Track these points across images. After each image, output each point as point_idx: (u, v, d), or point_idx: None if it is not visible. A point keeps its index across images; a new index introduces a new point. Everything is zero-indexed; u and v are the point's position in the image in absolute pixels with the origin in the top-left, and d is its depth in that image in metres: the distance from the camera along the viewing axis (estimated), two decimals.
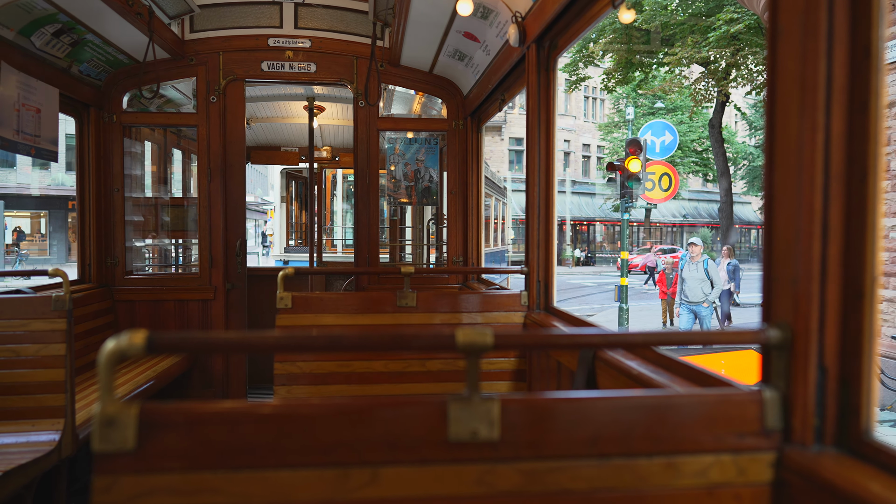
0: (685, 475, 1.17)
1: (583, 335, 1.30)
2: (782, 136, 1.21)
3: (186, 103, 5.88)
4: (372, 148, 4.98)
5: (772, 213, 1.24)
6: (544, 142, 3.06)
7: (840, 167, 1.14)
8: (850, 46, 1.13)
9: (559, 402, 1.17)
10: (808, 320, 1.16)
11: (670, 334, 1.29)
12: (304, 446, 1.10)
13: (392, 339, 1.21)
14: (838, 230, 1.14)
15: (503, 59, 3.70)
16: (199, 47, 4.76)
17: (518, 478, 1.13)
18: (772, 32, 1.24)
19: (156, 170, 6.18)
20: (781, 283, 1.22)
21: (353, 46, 4.89)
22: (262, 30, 4.82)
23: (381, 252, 5.95)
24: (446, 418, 1.13)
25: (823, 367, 1.16)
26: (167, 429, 1.08)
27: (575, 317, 2.77)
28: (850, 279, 1.13)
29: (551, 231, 3.07)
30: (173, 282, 4.96)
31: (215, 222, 4.81)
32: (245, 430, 1.09)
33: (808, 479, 1.11)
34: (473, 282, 4.75)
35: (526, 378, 3.16)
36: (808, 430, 1.17)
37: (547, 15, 2.78)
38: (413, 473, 1.12)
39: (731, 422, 1.19)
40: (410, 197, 5.40)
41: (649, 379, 1.72)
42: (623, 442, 1.16)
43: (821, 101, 1.13)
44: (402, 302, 3.11)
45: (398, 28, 4.12)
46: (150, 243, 6.01)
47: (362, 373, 3.04)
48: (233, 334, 1.18)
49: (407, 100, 6.34)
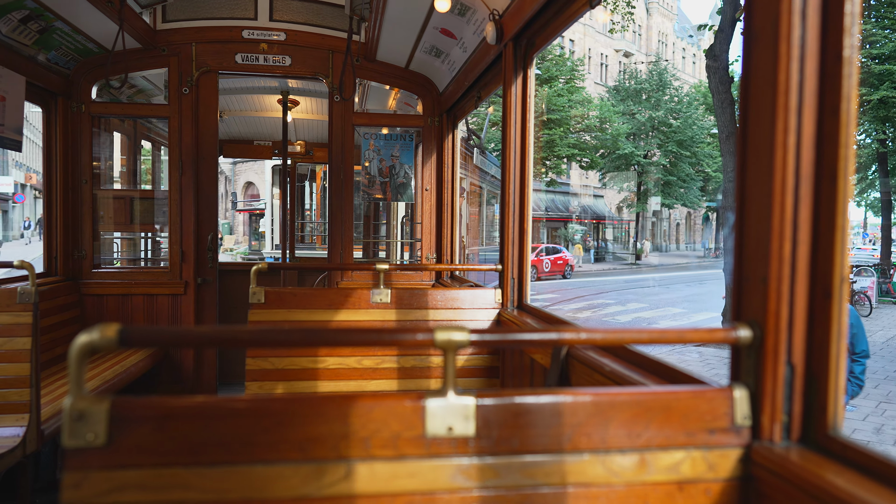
0: (657, 470, 1.18)
1: (558, 336, 1.31)
2: (755, 137, 1.23)
3: (158, 94, 5.77)
4: (347, 143, 4.95)
5: (743, 213, 1.27)
6: (519, 139, 3.07)
7: (810, 169, 1.17)
8: (821, 52, 1.16)
9: (535, 400, 1.18)
10: (778, 319, 1.18)
11: (642, 334, 1.30)
12: (279, 441, 1.09)
13: (372, 336, 1.20)
14: (807, 230, 1.17)
15: (480, 57, 3.71)
16: (172, 37, 4.68)
17: (493, 473, 1.14)
18: (747, 35, 1.26)
19: (125, 161, 6.06)
20: (752, 283, 1.24)
21: (328, 40, 4.86)
22: (236, 21, 4.75)
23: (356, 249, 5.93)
24: (423, 414, 1.13)
25: (792, 365, 1.19)
26: (139, 424, 1.06)
27: (548, 314, 2.79)
28: (820, 279, 1.16)
29: (526, 229, 3.08)
30: (143, 276, 4.87)
31: (186, 216, 4.74)
32: (218, 425, 1.08)
33: (776, 474, 1.13)
34: (447, 279, 4.76)
35: (499, 375, 3.18)
36: (777, 426, 1.20)
37: (525, 13, 2.79)
38: (389, 469, 1.11)
39: (702, 418, 1.21)
40: (385, 193, 5.38)
41: (622, 376, 1.74)
42: (597, 438, 1.18)
43: (793, 103, 1.16)
44: (376, 298, 3.10)
45: (374, 23, 4.10)
46: (119, 236, 5.89)
47: (335, 369, 3.03)
48: (207, 328, 1.16)
49: (383, 95, 6.31)
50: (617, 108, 40.30)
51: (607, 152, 38.76)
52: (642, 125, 41.34)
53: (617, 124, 37.79)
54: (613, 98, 42.27)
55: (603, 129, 37.19)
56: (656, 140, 41.69)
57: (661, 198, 43.66)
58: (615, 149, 38.16)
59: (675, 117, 41.91)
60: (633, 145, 39.34)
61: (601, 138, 37.43)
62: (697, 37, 57.46)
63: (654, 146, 41.66)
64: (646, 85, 42.80)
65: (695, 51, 58.46)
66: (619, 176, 42.76)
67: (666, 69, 44.03)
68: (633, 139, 41.01)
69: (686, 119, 41.84)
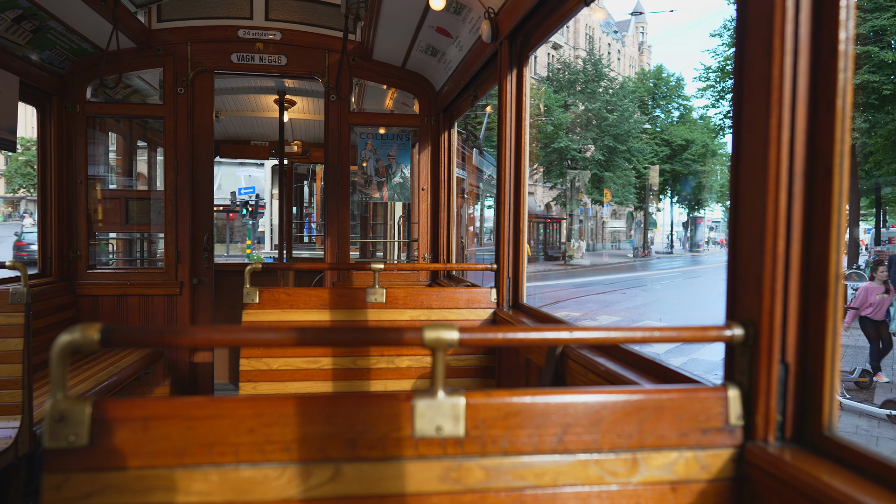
0: (649, 471, 1.17)
1: (551, 335, 1.29)
2: (749, 133, 1.22)
3: (153, 94, 5.75)
4: (343, 143, 4.93)
5: (737, 211, 1.25)
6: (515, 138, 3.05)
7: (803, 165, 1.15)
8: (814, 46, 1.14)
9: (525, 399, 1.16)
10: (772, 317, 1.17)
11: (636, 333, 1.29)
12: (264, 442, 1.07)
13: (359, 335, 1.19)
14: (801, 228, 1.15)
15: (476, 55, 3.69)
16: (167, 37, 4.66)
17: (483, 474, 1.12)
18: (740, 29, 1.24)
19: (120, 162, 6.04)
20: (745, 281, 1.23)
21: (324, 40, 4.84)
22: (231, 21, 4.73)
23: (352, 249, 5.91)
24: (412, 414, 1.11)
25: (786, 364, 1.17)
26: (122, 425, 1.05)
27: (544, 313, 2.77)
28: (814, 277, 1.14)
29: (521, 229, 3.07)
30: (138, 276, 4.85)
31: (182, 216, 4.71)
32: (202, 427, 1.06)
33: (770, 474, 1.12)
34: (444, 279, 4.74)
35: (495, 375, 3.16)
36: (771, 426, 1.18)
37: (520, 11, 2.78)
38: (376, 470, 1.10)
39: (696, 418, 1.19)
40: (382, 193, 5.36)
41: (617, 375, 1.73)
42: (589, 438, 1.16)
43: (787, 99, 1.14)
44: (372, 298, 3.09)
45: (370, 22, 4.08)
46: (115, 237, 5.87)
47: (330, 369, 3.01)
48: (192, 328, 1.15)
49: (380, 94, 6.30)
50: (554, 97, 39.62)
51: (542, 145, 37.83)
52: (578, 117, 40.39)
53: (557, 113, 37.19)
54: (547, 89, 41.34)
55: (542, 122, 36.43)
56: (591, 134, 40.58)
57: (596, 195, 42.64)
58: (552, 141, 37.21)
59: (610, 109, 40.94)
60: (567, 138, 38.43)
61: (542, 128, 36.70)
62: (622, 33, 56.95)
63: (588, 140, 40.54)
64: (581, 76, 41.95)
65: (619, 47, 57.94)
66: (554, 171, 41.36)
67: (601, 59, 43.09)
68: (568, 132, 40.03)
69: (622, 112, 40.85)
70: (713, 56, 25.57)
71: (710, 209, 64.90)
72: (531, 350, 2.51)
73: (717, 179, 56.00)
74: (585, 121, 40.41)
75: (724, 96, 25.37)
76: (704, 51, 55.87)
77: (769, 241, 1.16)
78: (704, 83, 26.46)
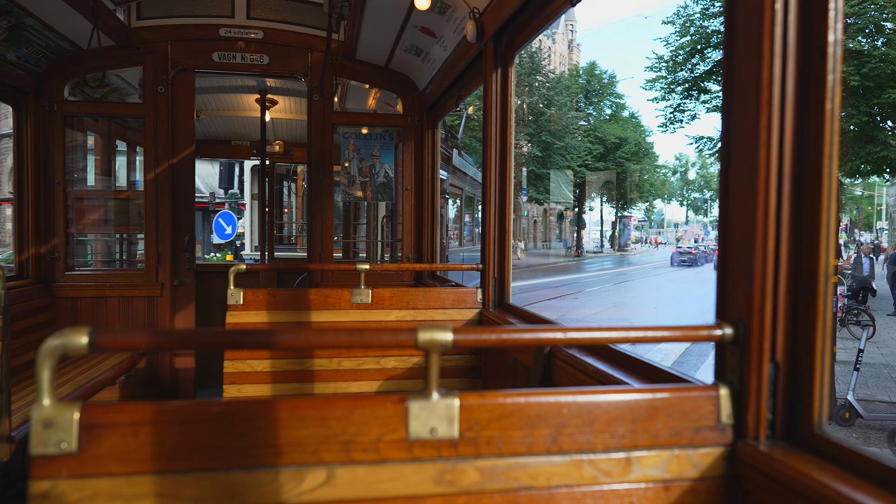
0: (642, 470, 1.17)
1: (543, 335, 1.29)
2: (738, 134, 1.23)
3: (133, 93, 5.67)
4: (326, 143, 4.90)
5: (727, 211, 1.26)
6: (500, 138, 3.06)
7: (791, 166, 1.16)
8: (802, 47, 1.15)
9: (519, 400, 1.16)
10: (762, 316, 1.18)
11: (625, 332, 1.29)
12: (256, 446, 1.06)
13: (353, 337, 1.18)
14: (789, 228, 1.16)
15: (460, 55, 3.69)
16: (147, 35, 4.59)
17: (478, 475, 1.12)
18: (728, 31, 1.25)
19: (99, 162, 5.95)
20: (736, 280, 1.24)
21: (307, 39, 4.80)
22: (212, 19, 4.68)
23: (335, 250, 5.87)
24: (406, 416, 1.11)
25: (776, 363, 1.18)
26: (111, 430, 1.03)
27: (530, 313, 2.77)
28: (804, 276, 1.16)
29: (507, 228, 3.07)
30: (117, 278, 4.78)
31: (162, 216, 4.66)
32: (193, 431, 1.05)
33: (761, 472, 1.13)
34: (428, 279, 4.73)
35: (481, 375, 3.16)
36: (761, 424, 1.19)
37: (505, 11, 2.78)
38: (370, 473, 1.09)
39: (687, 417, 1.20)
40: (365, 193, 5.34)
41: (606, 375, 1.73)
42: (582, 438, 1.16)
43: (776, 101, 1.15)
44: (357, 299, 3.07)
45: (354, 21, 4.06)
46: (94, 238, 5.78)
47: (316, 371, 2.99)
48: (180, 331, 1.13)
49: (363, 94, 6.27)
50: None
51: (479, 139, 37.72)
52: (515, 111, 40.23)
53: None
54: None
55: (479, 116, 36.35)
56: (528, 129, 39.92)
57: (534, 192, 42.09)
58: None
59: (547, 104, 40.54)
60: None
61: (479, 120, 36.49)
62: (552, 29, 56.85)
63: (525, 135, 39.80)
64: (517, 68, 41.77)
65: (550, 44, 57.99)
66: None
67: (538, 51, 42.41)
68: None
69: (560, 107, 40.43)
70: (665, 45, 23.83)
71: (636, 209, 65.22)
72: (520, 350, 2.51)
73: (646, 179, 56.21)
74: (522, 115, 39.76)
75: (675, 88, 23.88)
76: (656, 39, 54.65)
77: (759, 241, 1.17)
78: (656, 73, 24.70)
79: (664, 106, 24.65)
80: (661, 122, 26.18)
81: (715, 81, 22.67)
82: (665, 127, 25.31)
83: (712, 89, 22.97)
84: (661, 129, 26.10)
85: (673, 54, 23.26)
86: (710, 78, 22.69)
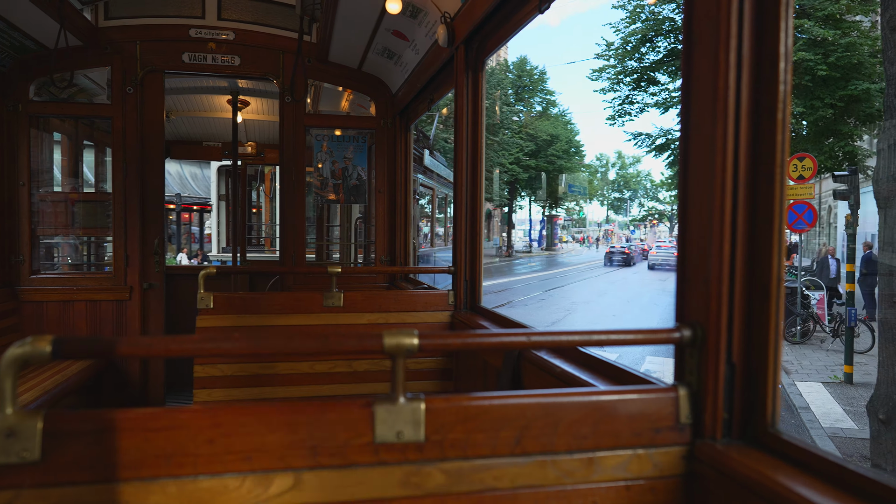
0: (604, 470, 1.20)
1: (508, 339, 1.32)
2: (696, 142, 1.26)
3: (101, 93, 5.58)
4: (298, 144, 4.88)
5: (686, 216, 1.30)
6: (472, 142, 3.08)
7: (746, 173, 1.20)
8: (756, 56, 1.19)
9: (484, 403, 1.18)
10: (719, 319, 1.22)
11: (589, 336, 1.32)
12: (223, 452, 1.07)
13: (317, 343, 1.19)
14: (745, 233, 1.21)
15: (432, 59, 3.71)
16: (115, 35, 4.53)
17: (443, 478, 1.14)
18: (687, 40, 1.29)
19: (66, 163, 5.84)
20: (694, 284, 1.27)
21: (279, 40, 4.78)
22: (182, 20, 4.63)
23: (308, 252, 5.85)
24: (372, 420, 1.12)
25: (732, 364, 1.22)
26: (75, 438, 1.02)
27: (501, 315, 2.80)
28: (757, 280, 1.20)
29: (479, 231, 3.10)
30: (85, 281, 4.70)
31: (131, 219, 4.59)
32: (159, 438, 1.05)
33: (717, 471, 1.16)
34: (401, 281, 4.74)
35: (452, 377, 3.18)
36: (718, 423, 1.23)
37: (476, 17, 2.80)
38: (337, 477, 1.10)
39: (648, 418, 1.23)
40: (338, 195, 5.33)
41: (572, 377, 1.76)
42: (546, 440, 1.19)
43: (731, 108, 1.19)
44: (329, 302, 3.07)
45: (326, 23, 4.06)
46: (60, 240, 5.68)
47: (287, 374, 2.98)
48: (146, 338, 1.13)
49: (336, 96, 6.26)
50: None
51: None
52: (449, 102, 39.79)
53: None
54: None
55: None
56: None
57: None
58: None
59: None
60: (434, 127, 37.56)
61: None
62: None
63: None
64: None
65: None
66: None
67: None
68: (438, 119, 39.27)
69: (492, 104, 39.99)
70: (615, 31, 22.28)
71: (563, 208, 65.34)
72: (489, 353, 2.54)
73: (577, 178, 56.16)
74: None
75: (623, 79, 22.58)
76: (605, 24, 53.23)
77: (716, 246, 1.21)
78: (604, 62, 23.20)
79: (612, 98, 23.62)
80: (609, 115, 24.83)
81: (664, 72, 21.75)
82: (613, 120, 24.16)
83: (662, 80, 22.12)
84: (609, 121, 24.66)
85: (623, 42, 22.14)
86: (660, 68, 21.72)
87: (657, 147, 23.82)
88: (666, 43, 21.41)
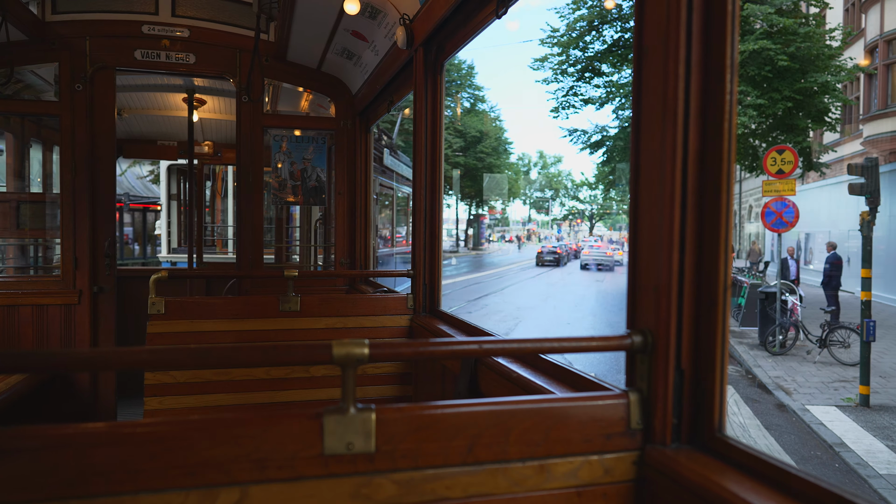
0: (556, 477, 1.21)
1: (461, 347, 1.31)
2: (646, 151, 1.28)
3: (48, 90, 5.40)
4: (256, 145, 4.80)
5: (637, 225, 1.31)
6: (430, 144, 3.07)
7: (695, 182, 1.22)
8: (704, 70, 1.21)
9: (436, 412, 1.17)
10: (668, 325, 1.23)
11: (544, 343, 1.32)
12: (166, 468, 1.03)
13: (264, 356, 1.16)
14: (693, 242, 1.22)
15: (392, 61, 3.69)
16: (63, 30, 4.38)
17: (395, 489, 1.12)
18: (637, 51, 1.30)
19: (11, 162, 5.63)
20: (644, 291, 1.29)
21: (236, 39, 4.69)
22: (135, 15, 4.51)
23: (267, 253, 5.75)
24: (321, 432, 1.10)
25: (681, 370, 1.24)
26: (9, 456, 0.98)
27: (461, 320, 2.80)
28: (705, 287, 1.21)
29: (438, 234, 3.09)
30: (31, 285, 4.53)
31: (80, 220, 4.45)
32: (99, 454, 1.01)
33: (666, 475, 1.18)
34: (361, 283, 4.70)
35: (412, 381, 3.16)
36: (668, 429, 1.24)
37: (434, 19, 2.80)
38: (285, 490, 1.08)
39: (600, 424, 1.24)
40: (297, 196, 5.26)
41: (528, 382, 1.77)
42: (498, 448, 1.18)
43: (680, 119, 1.21)
44: (286, 306, 3.02)
45: (284, 22, 4.00)
46: (3, 243, 5.47)
47: (242, 380, 2.92)
48: (85, 351, 1.09)
49: (295, 96, 6.17)
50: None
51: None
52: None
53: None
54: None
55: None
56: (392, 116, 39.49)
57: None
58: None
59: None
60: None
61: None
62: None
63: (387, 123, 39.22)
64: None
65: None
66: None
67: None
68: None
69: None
70: (560, 17, 21.14)
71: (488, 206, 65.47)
72: (447, 358, 2.53)
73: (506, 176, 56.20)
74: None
75: (567, 70, 21.47)
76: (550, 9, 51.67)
77: (665, 254, 1.22)
78: (549, 48, 21.91)
79: (555, 89, 22.61)
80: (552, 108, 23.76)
81: (609, 64, 21.11)
82: (557, 112, 23.15)
83: (606, 72, 21.47)
84: (553, 114, 23.93)
85: (568, 28, 21.14)
86: (605, 59, 20.97)
87: (592, 144, 23.70)
88: (612, 31, 20.81)
